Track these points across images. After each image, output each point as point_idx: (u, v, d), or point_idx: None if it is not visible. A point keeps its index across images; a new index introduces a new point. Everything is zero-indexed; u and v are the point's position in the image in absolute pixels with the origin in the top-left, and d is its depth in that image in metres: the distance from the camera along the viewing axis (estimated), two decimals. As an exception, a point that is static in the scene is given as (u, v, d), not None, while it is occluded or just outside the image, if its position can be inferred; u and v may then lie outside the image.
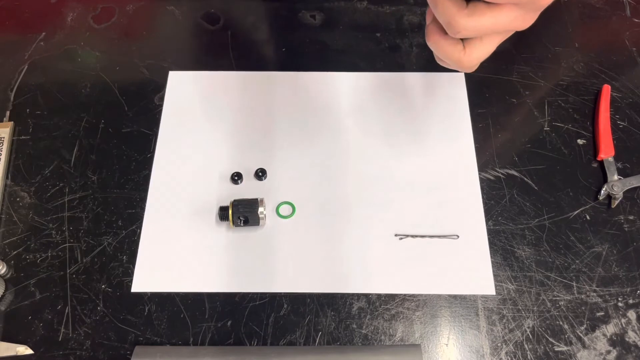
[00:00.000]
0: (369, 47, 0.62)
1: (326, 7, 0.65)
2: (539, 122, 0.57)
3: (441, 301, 0.48)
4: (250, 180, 0.54)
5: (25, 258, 0.50)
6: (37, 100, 0.59)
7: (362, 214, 0.52)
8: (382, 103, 0.58)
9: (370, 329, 0.47)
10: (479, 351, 0.46)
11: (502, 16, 0.34)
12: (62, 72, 0.61)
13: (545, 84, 0.59)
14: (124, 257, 0.50)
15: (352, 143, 0.56)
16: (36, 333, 0.46)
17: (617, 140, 0.55)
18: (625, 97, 0.58)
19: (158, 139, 0.56)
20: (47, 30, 0.64)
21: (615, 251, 0.50)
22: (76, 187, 0.53)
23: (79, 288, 0.48)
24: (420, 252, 0.50)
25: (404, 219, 0.51)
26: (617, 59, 0.61)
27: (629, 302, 0.47)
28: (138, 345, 0.45)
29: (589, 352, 0.45)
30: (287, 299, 0.48)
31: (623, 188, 0.52)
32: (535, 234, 0.51)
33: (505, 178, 0.54)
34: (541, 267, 0.49)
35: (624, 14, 0.65)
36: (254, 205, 0.49)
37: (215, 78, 0.60)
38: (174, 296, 0.48)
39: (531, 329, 0.46)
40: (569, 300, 0.48)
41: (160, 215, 0.52)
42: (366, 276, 0.49)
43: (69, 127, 0.57)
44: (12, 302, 0.48)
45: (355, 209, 0.52)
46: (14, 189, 0.53)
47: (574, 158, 0.55)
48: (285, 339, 0.46)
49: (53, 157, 0.55)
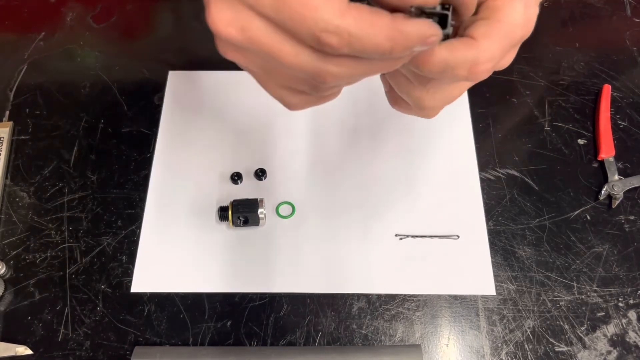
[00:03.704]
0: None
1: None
2: (539, 122, 0.57)
3: (441, 301, 0.48)
4: (250, 180, 0.54)
5: (25, 258, 0.50)
6: (36, 100, 0.59)
7: (362, 213, 0.52)
8: (382, 103, 0.58)
9: (370, 330, 0.47)
10: (479, 351, 0.46)
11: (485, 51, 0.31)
12: (62, 72, 0.61)
13: (546, 84, 0.59)
14: (124, 257, 0.50)
15: (352, 143, 0.56)
16: (36, 333, 0.46)
17: (617, 140, 0.55)
18: (625, 97, 0.58)
19: (158, 139, 0.56)
20: (46, 30, 0.64)
21: (615, 251, 0.50)
22: (75, 187, 0.53)
23: (78, 288, 0.48)
24: (421, 252, 0.50)
25: (404, 219, 0.51)
26: (617, 58, 0.61)
27: (630, 302, 0.47)
28: (138, 346, 0.45)
29: (590, 352, 0.45)
30: (287, 299, 0.48)
31: (624, 188, 0.52)
32: (535, 234, 0.51)
33: (506, 178, 0.54)
34: (542, 268, 0.49)
35: (625, 13, 0.65)
36: (254, 206, 0.49)
37: (215, 78, 0.60)
38: (174, 296, 0.48)
39: (532, 330, 0.46)
40: (570, 301, 0.48)
41: (159, 215, 0.52)
42: (366, 276, 0.49)
43: (68, 127, 0.57)
44: (11, 302, 0.48)
45: (356, 208, 0.52)
46: (13, 189, 0.53)
47: (574, 158, 0.55)
48: (285, 340, 0.46)
49: (52, 157, 0.55)
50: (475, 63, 0.30)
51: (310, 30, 0.26)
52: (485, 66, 0.30)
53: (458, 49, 0.29)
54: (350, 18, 0.25)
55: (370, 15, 0.26)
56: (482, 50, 0.30)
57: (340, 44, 0.26)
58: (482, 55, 0.30)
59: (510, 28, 0.31)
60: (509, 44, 0.31)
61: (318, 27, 0.25)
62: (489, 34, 0.30)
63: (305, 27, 0.26)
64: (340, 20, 0.25)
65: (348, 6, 0.26)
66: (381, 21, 0.26)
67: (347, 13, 0.25)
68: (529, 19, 0.32)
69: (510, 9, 0.31)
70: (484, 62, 0.30)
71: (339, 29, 0.25)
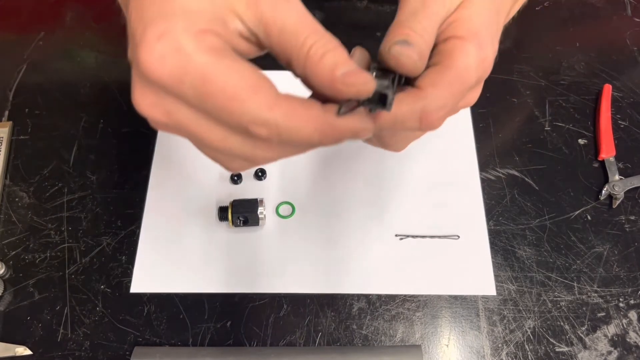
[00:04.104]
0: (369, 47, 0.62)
1: (326, 6, 0.65)
2: (539, 121, 0.57)
3: (442, 302, 0.48)
4: (250, 180, 0.54)
5: (24, 258, 0.50)
6: (36, 100, 0.59)
7: (362, 213, 0.52)
8: (382, 103, 0.58)
9: (370, 330, 0.46)
10: (479, 352, 0.45)
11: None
12: (61, 72, 0.61)
13: (546, 84, 0.59)
14: (123, 257, 0.50)
15: (352, 143, 0.55)
16: (35, 334, 0.46)
17: (618, 140, 0.55)
18: (626, 97, 0.58)
19: (157, 139, 0.56)
20: (46, 30, 0.64)
21: (616, 251, 0.50)
22: (75, 187, 0.53)
23: (78, 288, 0.48)
24: (421, 253, 0.49)
25: (405, 219, 0.51)
26: (618, 58, 0.61)
27: (630, 302, 0.47)
28: (137, 346, 0.45)
29: (590, 352, 0.45)
30: (286, 299, 0.48)
31: (624, 188, 0.52)
32: (536, 234, 0.50)
33: (506, 178, 0.53)
34: (542, 268, 0.49)
35: (625, 13, 0.65)
36: (254, 206, 0.49)
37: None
38: (174, 297, 0.48)
39: (532, 330, 0.46)
40: (570, 301, 0.47)
41: (159, 215, 0.51)
42: (366, 276, 0.49)
43: (68, 127, 0.57)
44: (10, 302, 0.48)
45: (356, 208, 0.52)
46: (12, 189, 0.53)
47: (575, 158, 0.55)
48: (285, 340, 0.46)
49: (52, 157, 0.55)
50: (425, 114, 0.29)
51: (237, 121, 0.25)
52: (435, 115, 0.29)
53: (405, 102, 0.28)
54: (279, 111, 0.25)
55: (300, 107, 0.25)
56: (430, 100, 0.29)
57: (269, 135, 0.25)
58: (430, 105, 0.29)
59: (462, 73, 0.30)
60: (461, 90, 0.30)
61: (245, 119, 0.25)
62: (437, 82, 0.29)
63: (232, 118, 0.25)
64: (268, 113, 0.25)
65: (277, 98, 0.25)
66: (312, 114, 0.25)
67: (275, 106, 0.25)
68: (483, 60, 0.31)
69: (462, 53, 0.30)
70: (433, 111, 0.29)
71: (268, 122, 0.25)
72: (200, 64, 0.24)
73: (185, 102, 0.26)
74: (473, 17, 0.31)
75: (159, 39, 0.24)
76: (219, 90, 0.24)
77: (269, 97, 0.25)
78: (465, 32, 0.30)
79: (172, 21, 0.24)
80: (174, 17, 0.24)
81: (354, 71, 0.26)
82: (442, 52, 0.30)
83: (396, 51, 0.28)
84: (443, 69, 0.30)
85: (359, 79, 0.25)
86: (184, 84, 0.24)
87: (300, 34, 0.26)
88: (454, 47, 0.30)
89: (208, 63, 0.24)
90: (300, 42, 0.26)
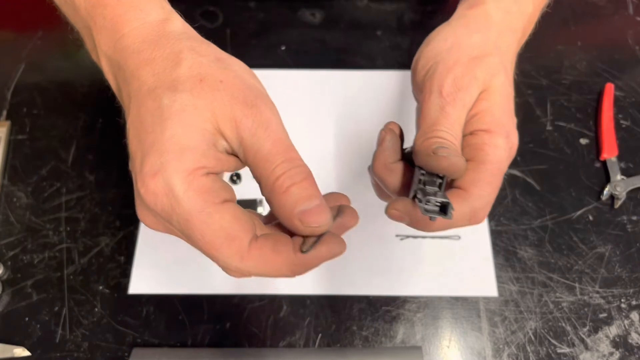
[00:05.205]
0: (370, 45, 0.62)
1: (326, 5, 0.65)
2: (541, 121, 0.56)
3: (443, 303, 0.47)
4: (250, 180, 0.53)
5: (22, 259, 0.49)
6: (34, 100, 0.58)
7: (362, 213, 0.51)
8: (382, 102, 0.58)
9: (370, 331, 0.46)
10: (480, 353, 0.45)
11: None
12: (60, 71, 0.61)
13: (548, 83, 0.59)
14: (122, 258, 0.49)
15: (352, 143, 0.55)
16: (33, 335, 0.46)
17: (620, 139, 0.55)
18: (628, 96, 0.58)
19: (156, 138, 0.55)
20: (44, 29, 0.63)
21: (618, 252, 0.49)
22: (73, 187, 0.53)
23: (76, 289, 0.48)
24: (422, 253, 0.49)
25: (405, 219, 0.51)
26: (620, 57, 0.60)
27: (632, 303, 0.47)
28: (136, 347, 0.45)
29: (592, 353, 0.45)
30: (286, 300, 0.47)
31: (626, 188, 0.51)
32: (537, 235, 0.50)
33: (508, 178, 0.53)
34: (544, 268, 0.49)
35: (627, 12, 0.64)
36: (254, 206, 0.49)
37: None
38: (172, 298, 0.48)
39: (533, 331, 0.46)
40: (572, 302, 0.47)
41: (158, 215, 0.51)
42: (367, 277, 0.48)
43: (66, 127, 0.56)
44: (8, 303, 0.47)
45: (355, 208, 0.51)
46: (10, 189, 0.53)
47: (576, 158, 0.54)
48: (285, 341, 0.46)
49: (50, 156, 0.55)
50: (474, 213, 0.30)
51: (214, 261, 0.27)
52: (483, 213, 0.31)
53: (454, 205, 0.30)
54: (251, 261, 0.26)
55: (271, 254, 0.27)
56: (475, 200, 0.30)
57: (243, 277, 0.28)
58: (477, 204, 0.30)
59: (497, 166, 0.31)
60: (499, 183, 0.32)
61: (220, 264, 0.27)
62: (477, 180, 0.31)
63: (210, 258, 0.27)
64: (240, 263, 0.26)
65: (249, 248, 0.27)
66: (281, 258, 0.27)
67: (247, 256, 0.26)
68: (511, 147, 0.32)
69: (492, 146, 0.31)
70: (481, 210, 0.31)
71: (240, 270, 0.27)
72: (186, 209, 0.26)
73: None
74: (493, 109, 0.32)
75: (152, 177, 0.26)
76: (199, 236, 0.26)
77: (242, 248, 0.27)
78: (490, 124, 0.32)
79: (166, 158, 0.26)
80: (168, 154, 0.26)
81: (312, 210, 0.27)
82: (472, 146, 0.32)
83: (444, 157, 0.30)
84: (478, 165, 0.31)
85: (316, 220, 0.27)
86: (172, 220, 0.27)
87: (271, 162, 0.27)
88: (483, 141, 0.31)
89: (192, 210, 0.26)
90: (270, 170, 0.27)
